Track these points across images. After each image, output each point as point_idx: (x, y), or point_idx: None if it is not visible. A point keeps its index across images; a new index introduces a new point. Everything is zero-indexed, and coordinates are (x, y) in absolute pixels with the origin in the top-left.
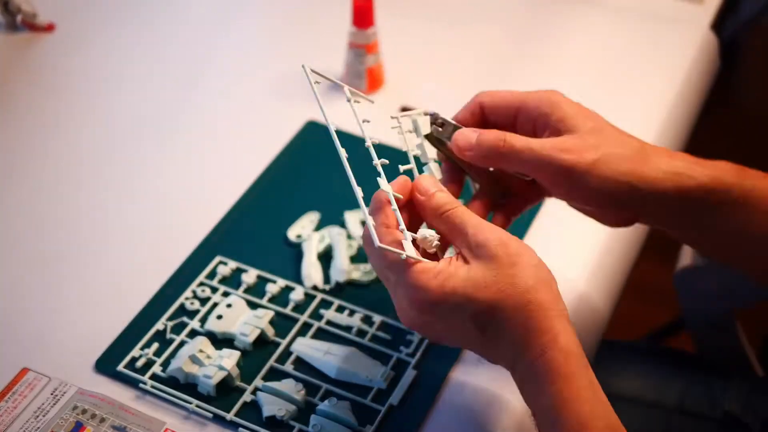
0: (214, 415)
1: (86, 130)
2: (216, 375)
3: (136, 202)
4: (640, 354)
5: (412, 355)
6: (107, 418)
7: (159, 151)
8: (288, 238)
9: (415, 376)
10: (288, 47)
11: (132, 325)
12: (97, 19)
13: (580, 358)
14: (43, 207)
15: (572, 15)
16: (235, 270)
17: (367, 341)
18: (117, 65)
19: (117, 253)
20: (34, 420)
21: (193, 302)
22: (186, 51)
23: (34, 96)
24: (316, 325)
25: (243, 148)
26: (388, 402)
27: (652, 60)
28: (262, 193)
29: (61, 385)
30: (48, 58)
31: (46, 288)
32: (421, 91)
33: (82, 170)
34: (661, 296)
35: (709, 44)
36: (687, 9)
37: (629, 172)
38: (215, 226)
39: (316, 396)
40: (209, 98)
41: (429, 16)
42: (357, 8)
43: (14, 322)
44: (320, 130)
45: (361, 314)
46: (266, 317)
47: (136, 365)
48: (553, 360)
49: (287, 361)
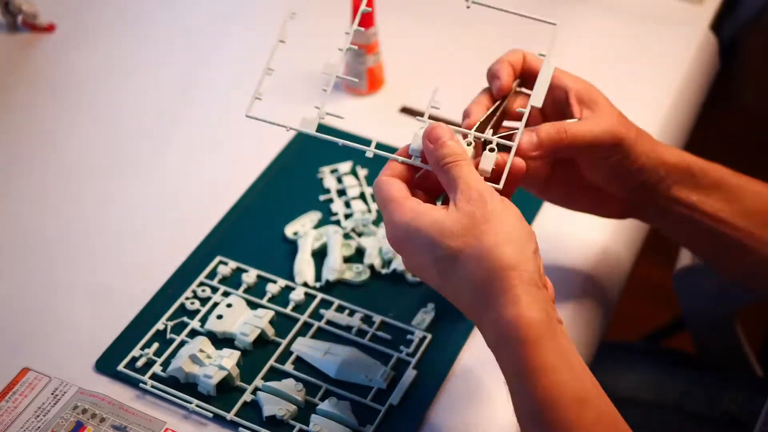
0: (215, 414)
1: (87, 130)
2: (216, 375)
3: (137, 201)
4: (640, 354)
5: (412, 355)
6: (107, 418)
7: (159, 151)
8: (285, 236)
9: (415, 376)
10: (288, 48)
11: (132, 325)
12: (97, 20)
13: (546, 323)
14: (43, 207)
15: (572, 15)
16: (236, 270)
17: (367, 341)
18: (117, 65)
19: (117, 253)
20: (35, 420)
21: (194, 302)
22: (186, 51)
23: (34, 96)
24: (316, 324)
25: (243, 148)
26: (388, 402)
27: (652, 60)
28: (261, 194)
29: (62, 384)
30: (48, 59)
31: (46, 288)
32: (421, 91)
33: (83, 170)
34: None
35: (708, 44)
36: (687, 9)
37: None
38: (215, 227)
39: (317, 396)
40: (210, 98)
41: (429, 16)
42: (357, 9)
43: (15, 322)
44: (320, 130)
45: (361, 314)
46: (266, 317)
47: (136, 365)
48: (516, 324)
49: (287, 361)
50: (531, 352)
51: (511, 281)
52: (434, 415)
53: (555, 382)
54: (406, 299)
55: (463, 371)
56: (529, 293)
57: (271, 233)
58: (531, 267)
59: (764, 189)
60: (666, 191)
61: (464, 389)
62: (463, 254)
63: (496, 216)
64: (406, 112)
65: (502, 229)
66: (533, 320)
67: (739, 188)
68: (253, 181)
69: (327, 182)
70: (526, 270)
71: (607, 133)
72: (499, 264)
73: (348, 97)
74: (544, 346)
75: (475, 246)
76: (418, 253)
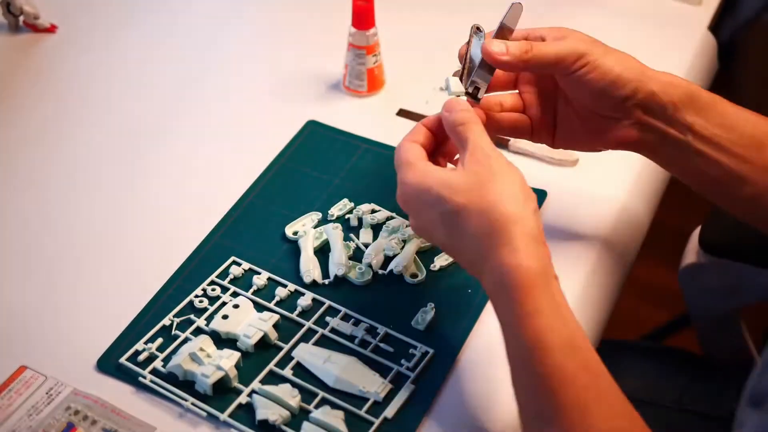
0: (208, 414)
1: (89, 129)
2: (213, 374)
3: (137, 202)
4: (641, 353)
5: (413, 370)
6: (98, 421)
7: (159, 151)
8: (286, 235)
9: (412, 391)
10: (289, 48)
11: (139, 319)
12: (99, 20)
13: (542, 275)
14: (45, 206)
15: (571, 16)
16: (248, 271)
17: (368, 352)
18: (119, 66)
19: (118, 253)
20: (27, 419)
21: (202, 300)
22: (187, 52)
23: (36, 97)
24: (320, 332)
25: (243, 148)
26: (382, 415)
27: (651, 61)
28: (261, 194)
29: (57, 384)
30: (50, 59)
31: (46, 287)
32: (421, 92)
33: (83, 170)
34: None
35: (707, 45)
36: (685, 10)
37: (633, 67)
38: (214, 227)
39: (312, 403)
40: (211, 98)
41: (429, 16)
42: (357, 10)
43: (14, 319)
44: (320, 130)
45: (367, 324)
46: (271, 320)
47: (138, 359)
48: (514, 271)
49: (287, 366)
50: (524, 297)
51: (511, 233)
52: (427, 430)
53: (545, 326)
54: (405, 299)
55: (457, 385)
56: (528, 245)
57: (271, 233)
58: (531, 223)
59: (755, 117)
60: (662, 112)
61: (459, 407)
62: (467, 209)
63: (499, 176)
64: (404, 115)
65: (505, 187)
66: (530, 268)
67: (734, 114)
68: (253, 182)
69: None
70: (526, 224)
71: (570, 48)
72: (502, 217)
73: (348, 97)
74: (537, 293)
75: (478, 201)
76: (426, 210)
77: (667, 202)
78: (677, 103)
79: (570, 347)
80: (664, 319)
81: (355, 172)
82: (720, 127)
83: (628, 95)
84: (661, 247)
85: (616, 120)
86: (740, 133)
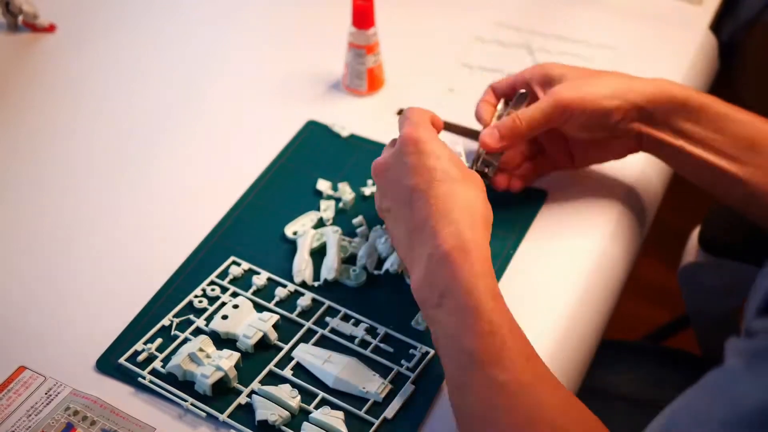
0: (208, 414)
1: (88, 129)
2: (213, 375)
3: (136, 202)
4: (641, 353)
5: (412, 370)
6: (98, 421)
7: (159, 151)
8: (285, 235)
9: (413, 392)
10: (289, 48)
11: (138, 319)
12: (98, 20)
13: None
14: (45, 206)
15: (571, 16)
16: (248, 271)
17: (368, 352)
18: (118, 65)
19: (118, 253)
20: (26, 419)
21: (202, 300)
22: (187, 51)
23: (35, 96)
24: (320, 332)
25: (243, 147)
26: (382, 415)
27: (652, 61)
28: (261, 194)
29: (56, 385)
30: (49, 59)
31: (46, 287)
32: (421, 92)
33: (83, 169)
34: (661, 296)
35: (708, 45)
36: (686, 10)
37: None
38: (214, 227)
39: (312, 403)
40: (211, 98)
41: (429, 17)
42: (357, 9)
43: (13, 319)
44: (320, 130)
45: (366, 325)
46: (271, 321)
47: (137, 359)
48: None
49: (287, 366)
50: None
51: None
52: (427, 430)
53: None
54: (405, 299)
55: None
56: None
57: (271, 233)
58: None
59: (749, 117)
60: (652, 120)
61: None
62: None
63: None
64: None
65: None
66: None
67: (726, 116)
68: (253, 182)
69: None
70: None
71: (551, 106)
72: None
73: (348, 97)
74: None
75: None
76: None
77: (668, 202)
78: (666, 111)
79: (496, 298)
80: (664, 319)
81: (355, 172)
82: (712, 130)
83: (618, 120)
84: (661, 247)
85: (617, 137)
86: (732, 135)
